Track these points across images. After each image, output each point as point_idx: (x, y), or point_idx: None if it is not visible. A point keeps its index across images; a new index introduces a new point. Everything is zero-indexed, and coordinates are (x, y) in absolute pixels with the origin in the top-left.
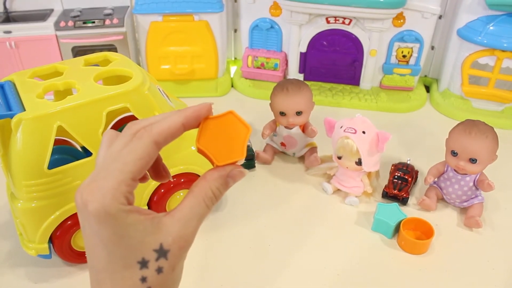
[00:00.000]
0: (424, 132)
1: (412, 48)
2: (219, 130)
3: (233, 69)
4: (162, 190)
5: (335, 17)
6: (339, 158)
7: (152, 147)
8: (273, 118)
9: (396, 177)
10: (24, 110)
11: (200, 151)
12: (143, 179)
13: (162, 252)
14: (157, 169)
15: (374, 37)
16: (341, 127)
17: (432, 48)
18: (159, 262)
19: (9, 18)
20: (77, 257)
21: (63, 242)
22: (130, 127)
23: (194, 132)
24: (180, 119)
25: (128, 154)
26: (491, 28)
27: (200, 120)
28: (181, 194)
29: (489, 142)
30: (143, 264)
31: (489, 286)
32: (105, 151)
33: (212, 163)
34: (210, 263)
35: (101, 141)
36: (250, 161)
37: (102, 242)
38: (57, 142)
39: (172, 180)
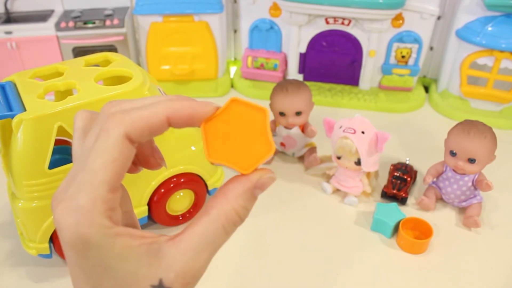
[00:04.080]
0: (423, 132)
1: (411, 48)
2: (228, 128)
3: (233, 69)
4: (163, 190)
5: (334, 18)
6: (338, 158)
7: (123, 142)
8: (273, 118)
9: (395, 177)
10: (25, 110)
11: (215, 164)
12: (131, 170)
13: None
14: (143, 155)
15: (373, 37)
16: (340, 127)
17: (431, 48)
18: None
19: (10, 19)
20: None
21: None
22: (106, 110)
23: (194, 130)
24: (165, 111)
25: (96, 158)
26: (490, 28)
27: (193, 121)
28: (181, 194)
29: (487, 142)
30: None
31: (488, 286)
32: (80, 141)
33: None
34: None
35: (74, 123)
36: None
37: (84, 273)
38: (57, 142)
39: (166, 167)
